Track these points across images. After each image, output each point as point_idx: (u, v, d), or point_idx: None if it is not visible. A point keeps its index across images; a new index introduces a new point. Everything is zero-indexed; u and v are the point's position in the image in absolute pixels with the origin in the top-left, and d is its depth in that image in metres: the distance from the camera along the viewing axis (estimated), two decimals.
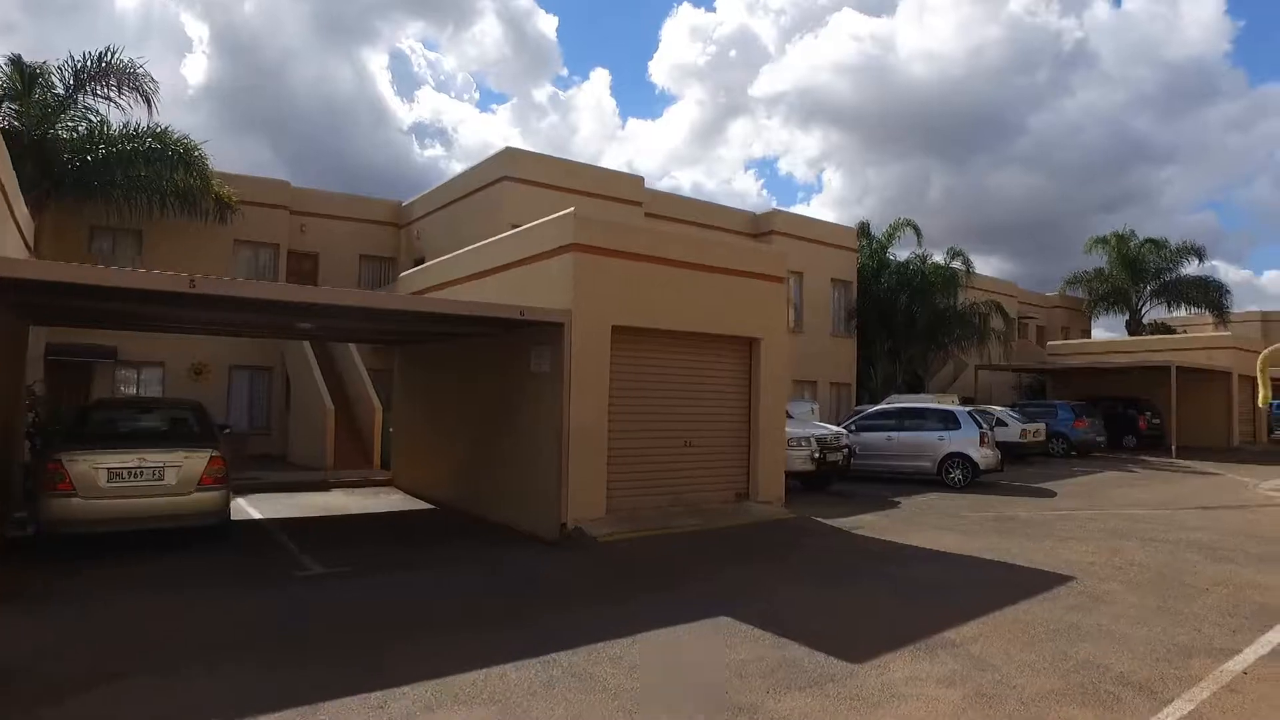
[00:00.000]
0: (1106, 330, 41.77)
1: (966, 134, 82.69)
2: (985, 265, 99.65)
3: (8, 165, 8.50)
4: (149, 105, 15.73)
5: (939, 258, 26.77)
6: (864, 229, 27.50)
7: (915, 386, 27.56)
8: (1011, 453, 19.82)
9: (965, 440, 14.96)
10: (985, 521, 11.03)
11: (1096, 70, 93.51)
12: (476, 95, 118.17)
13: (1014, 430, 20.14)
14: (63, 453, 7.91)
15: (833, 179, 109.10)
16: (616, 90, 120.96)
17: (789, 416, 14.87)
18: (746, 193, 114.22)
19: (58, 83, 15.54)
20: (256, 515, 10.99)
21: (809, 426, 14.10)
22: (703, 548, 9.00)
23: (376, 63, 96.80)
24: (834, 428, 14.61)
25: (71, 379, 18.13)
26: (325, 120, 71.49)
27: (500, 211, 18.08)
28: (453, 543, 9.50)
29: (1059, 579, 7.59)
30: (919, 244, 26.96)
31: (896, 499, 13.37)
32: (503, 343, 10.79)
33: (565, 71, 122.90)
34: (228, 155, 69.70)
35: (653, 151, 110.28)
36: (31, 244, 11.00)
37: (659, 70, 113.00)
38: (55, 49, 72.14)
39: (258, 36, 75.75)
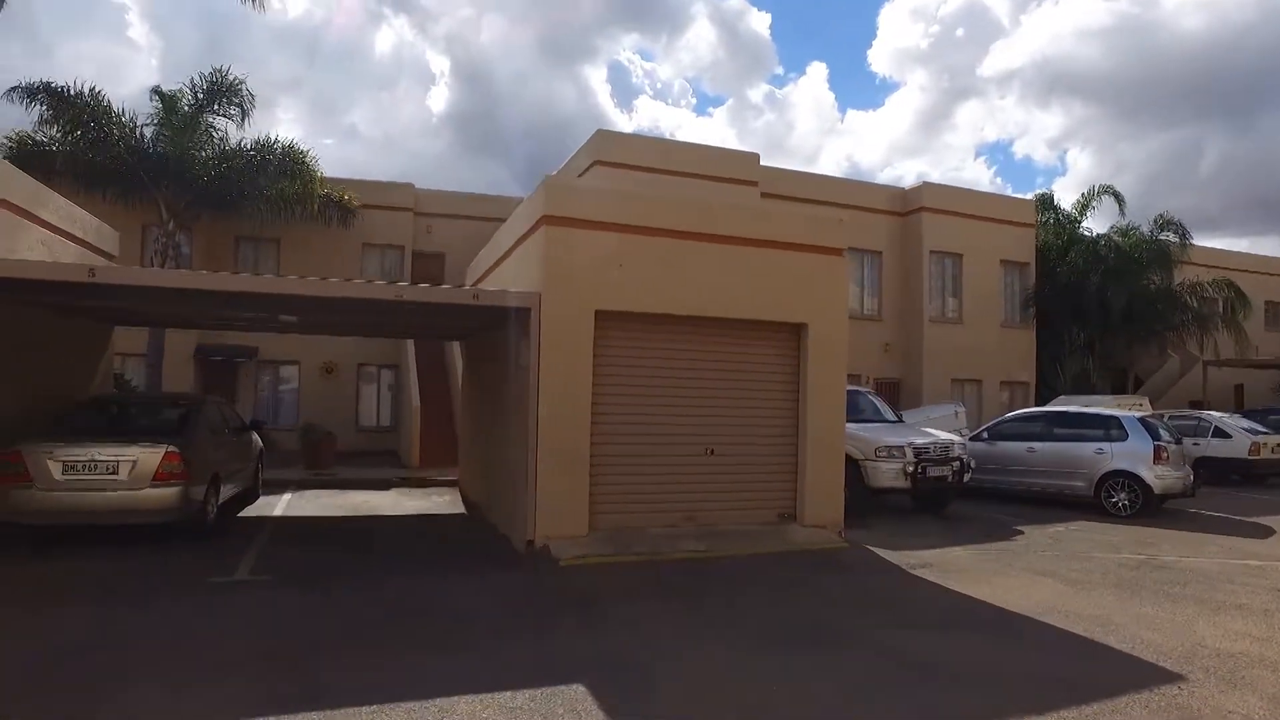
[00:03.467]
0: None
1: (1254, 90, 68.35)
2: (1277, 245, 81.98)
3: (21, 177, 8.86)
4: (244, 118, 16.56)
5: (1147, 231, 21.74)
6: (1046, 201, 23.06)
7: (1119, 386, 22.73)
8: (1240, 472, 15.39)
9: (1133, 455, 11.43)
10: (1119, 569, 8.02)
11: None
12: (693, 100, 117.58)
13: (1240, 443, 15.52)
14: (24, 444, 7.89)
15: (1078, 159, 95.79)
16: (834, 83, 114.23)
17: (893, 421, 12.35)
18: (977, 181, 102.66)
19: (186, 105, 16.82)
20: (277, 513, 10.74)
21: (908, 433, 11.44)
22: (680, 583, 7.16)
23: (596, 77, 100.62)
24: (946, 435, 11.78)
25: (218, 377, 19.75)
26: (551, 136, 75.68)
27: None
28: (419, 554, 8.44)
29: (1157, 677, 4.92)
30: (1121, 214, 22.16)
31: (1023, 527, 10.42)
32: (505, 334, 9.62)
33: (780, 69, 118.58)
34: (465, 177, 76.37)
35: (874, 144, 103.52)
36: (109, 250, 11.62)
37: (879, 58, 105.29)
38: (333, 97, 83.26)
39: (491, 64, 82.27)
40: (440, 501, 12.45)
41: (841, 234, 9.59)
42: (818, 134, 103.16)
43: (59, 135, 16.54)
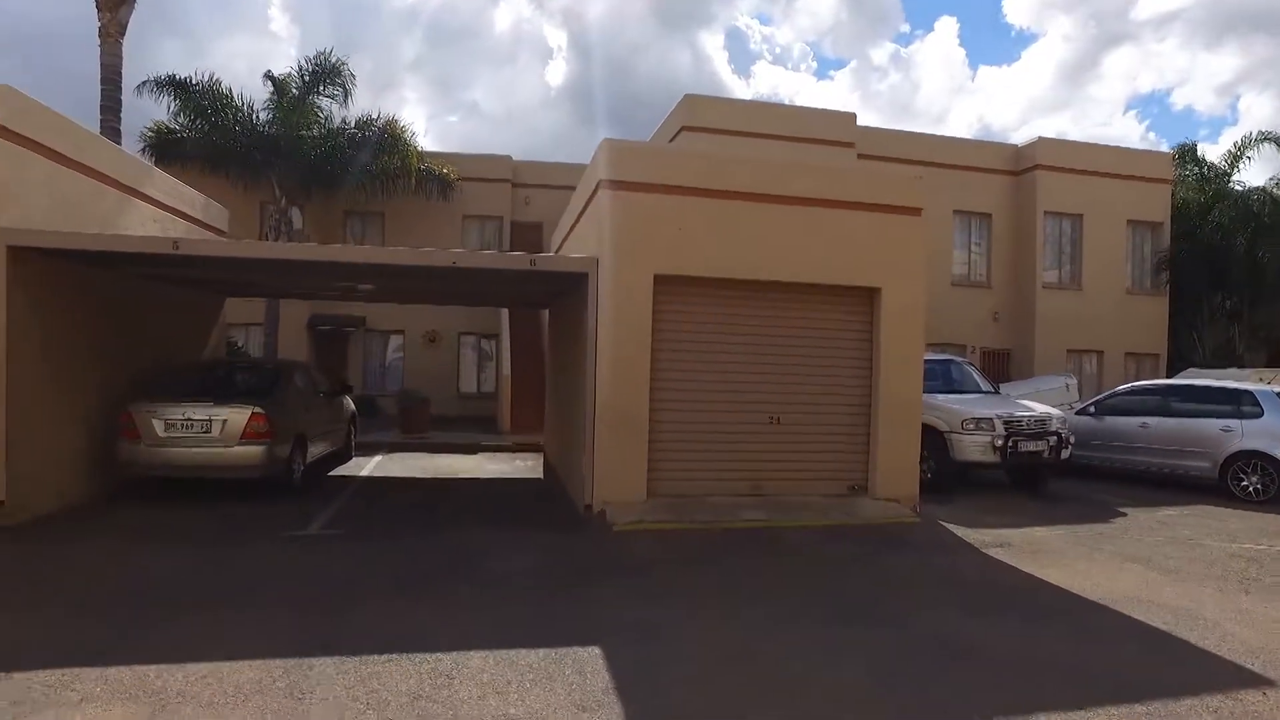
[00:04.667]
0: None
1: None
2: None
3: (127, 158, 9.66)
4: (346, 97, 17.29)
5: None
6: (1188, 154, 20.74)
7: (1276, 358, 20.42)
8: None
9: (1269, 433, 10.19)
10: (1229, 559, 7.19)
11: None
12: (814, 64, 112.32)
13: None
14: (132, 404, 8.66)
15: (1253, 105, 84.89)
16: (965, 38, 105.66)
17: (987, 392, 11.60)
18: (1126, 138, 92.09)
19: (294, 89, 17.77)
20: (364, 473, 11.32)
21: (1000, 404, 10.68)
22: (732, 553, 6.99)
23: (713, 44, 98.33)
24: (1044, 408, 10.90)
25: (329, 346, 21.00)
26: (668, 105, 75.31)
27: None
28: (486, 515, 8.64)
29: (1238, 680, 4.37)
30: None
31: (1127, 509, 9.55)
32: (575, 300, 9.66)
33: (906, 27, 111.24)
34: (582, 149, 77.31)
35: (1008, 102, 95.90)
36: (219, 226, 12.51)
37: (1015, 8, 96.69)
38: (455, 75, 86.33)
39: (607, 35, 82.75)
40: (522, 466, 12.76)
41: (919, 192, 8.95)
42: (946, 94, 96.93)
43: (186, 123, 17.91)
